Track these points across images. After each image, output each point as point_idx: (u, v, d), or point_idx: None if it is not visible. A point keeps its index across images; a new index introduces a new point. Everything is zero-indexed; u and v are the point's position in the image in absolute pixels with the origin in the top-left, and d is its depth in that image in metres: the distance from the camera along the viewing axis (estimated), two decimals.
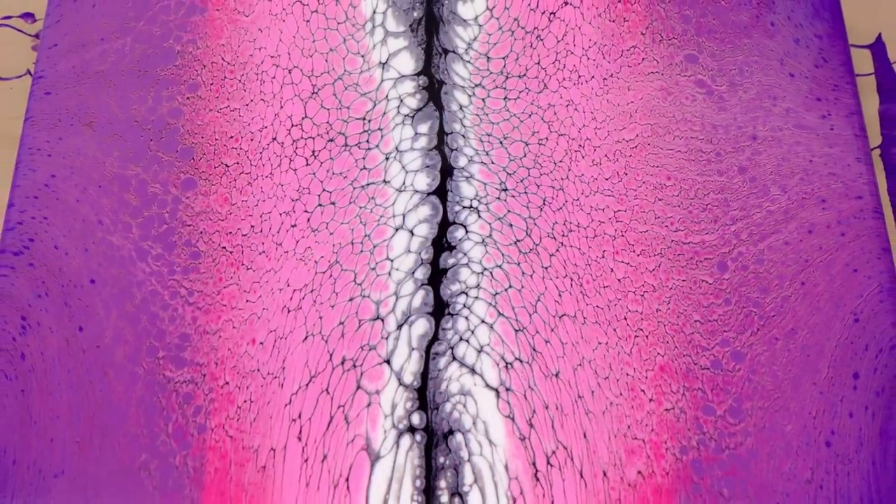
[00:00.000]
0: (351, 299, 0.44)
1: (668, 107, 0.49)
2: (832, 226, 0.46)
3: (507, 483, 0.41)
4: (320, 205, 0.46)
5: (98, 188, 0.46)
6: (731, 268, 0.45)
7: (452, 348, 0.43)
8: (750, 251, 0.46)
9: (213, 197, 0.46)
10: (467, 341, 0.43)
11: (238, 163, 0.47)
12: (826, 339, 0.44)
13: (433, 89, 0.49)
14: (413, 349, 0.43)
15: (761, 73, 0.50)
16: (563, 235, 0.46)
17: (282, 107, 0.49)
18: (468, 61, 0.50)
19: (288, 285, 0.44)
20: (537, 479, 0.41)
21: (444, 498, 0.40)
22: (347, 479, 0.41)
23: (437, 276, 0.45)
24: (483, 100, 0.49)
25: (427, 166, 0.47)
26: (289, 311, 0.44)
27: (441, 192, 0.47)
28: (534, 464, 0.41)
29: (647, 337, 0.44)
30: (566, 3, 0.52)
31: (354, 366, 0.43)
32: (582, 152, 0.48)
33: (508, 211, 0.46)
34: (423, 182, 0.47)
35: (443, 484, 0.41)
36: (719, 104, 0.49)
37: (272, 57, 0.50)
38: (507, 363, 0.43)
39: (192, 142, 0.48)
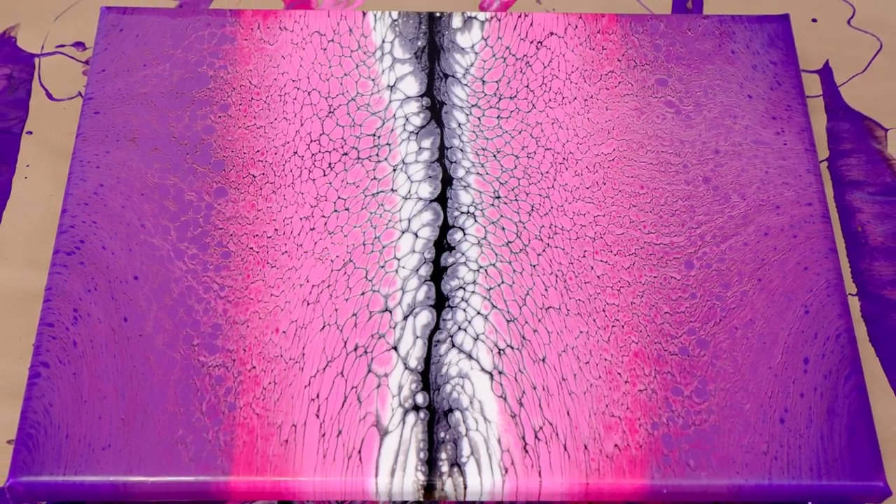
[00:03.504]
0: (363, 293, 0.46)
1: (642, 124, 0.52)
2: (785, 229, 0.48)
3: (500, 455, 0.42)
4: (336, 210, 0.49)
5: (141, 196, 0.48)
6: (697, 266, 0.47)
7: (452, 336, 0.45)
8: (713, 251, 0.48)
9: (242, 204, 0.48)
10: (465, 330, 0.45)
11: (263, 174, 0.50)
12: (780, 328, 0.45)
13: (435, 109, 0.52)
14: (417, 337, 0.45)
15: (723, 95, 0.52)
16: (549, 237, 0.48)
17: (302, 124, 0.51)
18: (466, 84, 0.53)
19: (307, 281, 0.46)
20: (526, 452, 0.42)
21: (445, 468, 0.42)
22: (360, 452, 0.42)
23: (438, 274, 0.47)
24: (479, 118, 0.52)
25: (430, 177, 0.50)
26: (308, 304, 0.46)
27: (442, 200, 0.49)
28: (523, 438, 0.42)
29: (622, 326, 0.45)
30: (552, 34, 0.54)
31: (366, 352, 0.44)
32: (566, 164, 0.50)
33: (501, 216, 0.49)
34: (426, 190, 0.50)
35: (443, 456, 0.42)
36: (686, 122, 0.52)
37: (293, 80, 0.52)
38: (499, 350, 0.45)
39: (223, 155, 0.50)
